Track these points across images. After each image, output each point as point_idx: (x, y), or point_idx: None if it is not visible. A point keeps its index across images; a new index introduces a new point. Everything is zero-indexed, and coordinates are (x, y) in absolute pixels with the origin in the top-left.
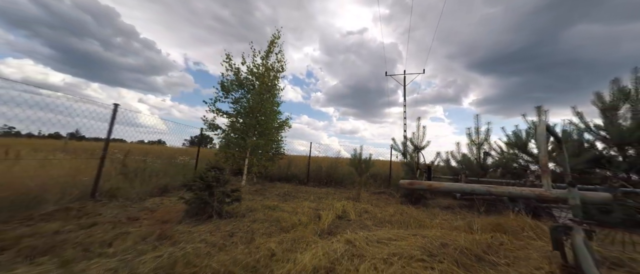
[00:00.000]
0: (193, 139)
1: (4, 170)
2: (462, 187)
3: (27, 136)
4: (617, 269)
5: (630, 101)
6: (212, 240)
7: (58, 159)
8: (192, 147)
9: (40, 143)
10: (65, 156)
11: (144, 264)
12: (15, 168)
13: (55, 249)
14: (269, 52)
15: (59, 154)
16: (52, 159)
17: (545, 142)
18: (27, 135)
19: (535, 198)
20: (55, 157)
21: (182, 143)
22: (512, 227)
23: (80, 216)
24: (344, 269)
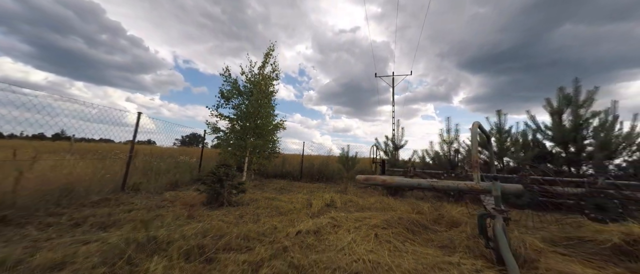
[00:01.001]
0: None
1: (44, 169)
2: (410, 183)
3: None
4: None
5: (572, 105)
6: (227, 220)
7: (84, 159)
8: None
9: (46, 145)
10: (80, 156)
11: (186, 231)
12: (51, 166)
13: (116, 224)
14: (265, 62)
15: (69, 155)
16: (79, 159)
17: (477, 141)
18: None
19: (468, 190)
20: (75, 158)
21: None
22: (457, 210)
23: (119, 204)
24: (326, 231)
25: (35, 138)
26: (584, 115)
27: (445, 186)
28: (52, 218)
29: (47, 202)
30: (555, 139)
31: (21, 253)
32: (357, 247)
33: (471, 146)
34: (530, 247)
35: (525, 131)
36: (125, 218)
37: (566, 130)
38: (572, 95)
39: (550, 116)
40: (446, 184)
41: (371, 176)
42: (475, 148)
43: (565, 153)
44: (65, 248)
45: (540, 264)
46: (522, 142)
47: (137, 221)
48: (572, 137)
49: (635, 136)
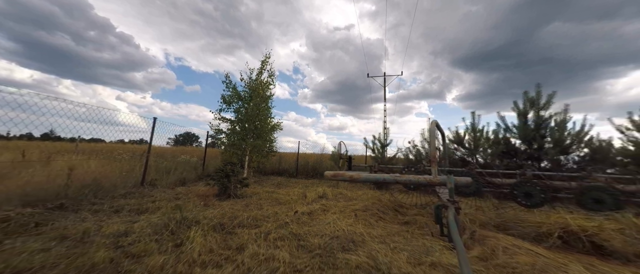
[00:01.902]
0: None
1: (77, 166)
2: (376, 178)
3: None
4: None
5: (534, 108)
6: (236, 208)
7: (92, 159)
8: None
9: (48, 146)
10: (87, 156)
11: (207, 214)
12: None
13: (148, 210)
14: (262, 69)
15: (74, 156)
16: (87, 159)
17: (434, 137)
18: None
19: (427, 183)
20: (84, 158)
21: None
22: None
23: (143, 197)
24: (317, 213)
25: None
26: (544, 116)
27: (407, 180)
28: (96, 206)
29: (87, 194)
30: (521, 137)
31: (94, 227)
32: (340, 223)
33: (429, 142)
34: (479, 231)
35: (496, 129)
36: (152, 206)
37: (529, 129)
38: (535, 98)
39: (517, 116)
40: (408, 178)
41: (339, 172)
42: (433, 144)
43: (529, 149)
44: (120, 225)
45: (488, 241)
46: (492, 140)
47: (168, 207)
48: (533, 135)
49: (583, 135)
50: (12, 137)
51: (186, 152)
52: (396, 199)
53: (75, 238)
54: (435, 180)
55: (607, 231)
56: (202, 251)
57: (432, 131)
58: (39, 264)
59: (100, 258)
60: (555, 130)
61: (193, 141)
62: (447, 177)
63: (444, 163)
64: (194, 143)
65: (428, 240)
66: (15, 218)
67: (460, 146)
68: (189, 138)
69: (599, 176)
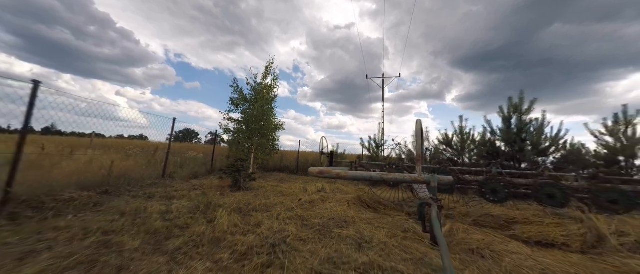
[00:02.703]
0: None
1: (98, 160)
2: (363, 175)
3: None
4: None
5: (518, 113)
6: (247, 197)
7: (108, 154)
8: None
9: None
10: (103, 152)
11: (225, 201)
12: (91, 160)
13: (175, 197)
14: (266, 73)
15: (90, 150)
16: (103, 154)
17: (421, 138)
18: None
19: (412, 181)
20: (100, 152)
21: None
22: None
23: (166, 187)
24: (317, 202)
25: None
26: (526, 121)
27: (393, 177)
28: (132, 192)
29: (122, 184)
30: (504, 140)
31: (141, 207)
32: (336, 209)
33: (415, 141)
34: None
35: (483, 132)
36: (177, 194)
37: (512, 133)
38: (518, 104)
39: (502, 121)
40: (394, 176)
41: (325, 168)
42: (419, 144)
43: (511, 151)
44: (160, 206)
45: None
46: (478, 142)
47: (192, 195)
48: (514, 138)
49: (559, 139)
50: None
51: (191, 149)
52: (374, 194)
53: (131, 214)
54: (420, 178)
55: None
56: (229, 225)
57: (418, 131)
58: (118, 229)
59: (158, 226)
60: (533, 134)
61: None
62: (431, 176)
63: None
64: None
65: (405, 221)
66: (78, 198)
67: (449, 147)
68: (189, 134)
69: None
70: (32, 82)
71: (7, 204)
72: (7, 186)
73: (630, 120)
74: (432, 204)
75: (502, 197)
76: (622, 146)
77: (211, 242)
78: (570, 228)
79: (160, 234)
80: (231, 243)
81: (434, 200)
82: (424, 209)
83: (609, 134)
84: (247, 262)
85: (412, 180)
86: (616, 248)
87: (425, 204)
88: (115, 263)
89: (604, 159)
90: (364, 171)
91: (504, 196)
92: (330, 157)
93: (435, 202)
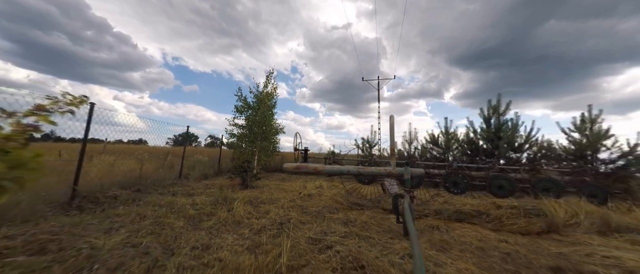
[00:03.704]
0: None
1: (133, 166)
2: (341, 170)
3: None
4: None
5: (496, 114)
6: (254, 194)
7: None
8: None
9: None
10: (116, 157)
11: (238, 195)
12: (121, 164)
13: (194, 194)
14: (267, 83)
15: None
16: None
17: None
18: None
19: (387, 174)
20: (115, 157)
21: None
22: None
23: (184, 186)
24: (315, 195)
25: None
26: (502, 121)
27: (370, 172)
28: (159, 190)
29: (149, 184)
30: (484, 138)
31: (171, 201)
32: (330, 200)
33: (389, 136)
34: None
35: (467, 132)
36: (195, 192)
37: (491, 132)
38: (497, 105)
39: (483, 121)
40: (371, 170)
41: (302, 164)
42: (392, 138)
43: (490, 148)
44: (187, 200)
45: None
46: (462, 141)
47: (208, 192)
48: (492, 137)
49: (531, 136)
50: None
51: (196, 153)
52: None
53: (166, 205)
54: (394, 171)
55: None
56: (244, 213)
57: (392, 125)
58: (162, 215)
59: (192, 213)
60: (507, 132)
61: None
62: (404, 169)
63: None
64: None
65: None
66: (121, 195)
67: (435, 145)
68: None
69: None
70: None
71: (74, 199)
72: (74, 184)
73: (594, 119)
74: (404, 195)
75: (462, 189)
76: (588, 142)
77: (233, 223)
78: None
79: (195, 219)
80: (248, 224)
81: (407, 191)
82: (397, 200)
83: (577, 131)
84: (262, 234)
85: (387, 173)
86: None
87: (398, 196)
88: (171, 234)
89: (573, 153)
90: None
91: (464, 187)
92: (304, 153)
93: (407, 193)
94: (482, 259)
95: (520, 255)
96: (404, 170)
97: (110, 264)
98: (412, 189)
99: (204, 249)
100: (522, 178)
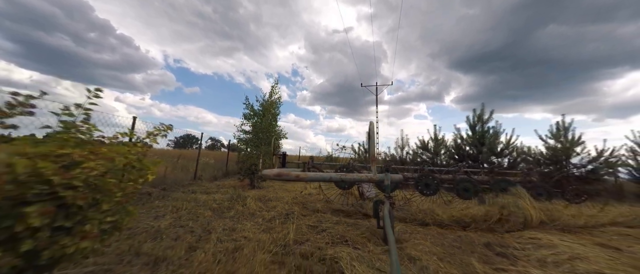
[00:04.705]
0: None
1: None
2: (323, 176)
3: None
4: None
5: (480, 122)
6: (262, 193)
7: None
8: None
9: None
10: None
11: (248, 194)
12: None
13: (210, 192)
14: (272, 93)
15: None
16: None
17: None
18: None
19: (368, 180)
20: None
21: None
22: None
23: (200, 186)
24: (314, 194)
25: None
26: (486, 128)
27: (352, 178)
28: (180, 189)
29: (170, 183)
30: (470, 144)
31: (195, 197)
32: (327, 199)
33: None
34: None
35: (454, 138)
36: (211, 191)
37: (475, 138)
38: (481, 114)
39: (469, 128)
40: (353, 177)
41: (283, 171)
42: (372, 145)
43: (476, 153)
44: (207, 197)
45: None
46: (449, 146)
47: (222, 191)
48: (476, 143)
49: (511, 143)
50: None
51: (202, 155)
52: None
53: (192, 201)
54: (375, 178)
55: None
56: (256, 207)
57: (372, 132)
58: (192, 208)
59: (215, 206)
60: (489, 139)
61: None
62: (384, 175)
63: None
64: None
65: None
66: (153, 192)
67: (425, 151)
68: (189, 140)
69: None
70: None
71: None
72: None
73: (567, 127)
74: (385, 201)
75: (433, 191)
76: (562, 148)
77: (249, 214)
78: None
79: (218, 211)
80: (260, 215)
81: (387, 197)
82: (378, 206)
83: (553, 138)
84: (273, 222)
85: (368, 179)
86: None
87: (379, 202)
88: (203, 221)
89: (549, 158)
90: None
91: (435, 189)
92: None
93: (388, 199)
94: (437, 239)
95: (468, 238)
96: (384, 176)
97: (171, 236)
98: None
99: (231, 230)
100: (482, 180)
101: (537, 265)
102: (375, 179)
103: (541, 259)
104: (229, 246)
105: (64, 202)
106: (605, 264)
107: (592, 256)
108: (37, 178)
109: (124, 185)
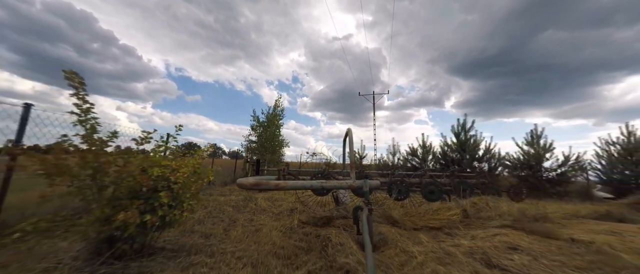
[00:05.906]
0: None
1: None
2: (304, 185)
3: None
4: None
5: (464, 130)
6: (268, 194)
7: None
8: None
9: None
10: None
11: (257, 195)
12: None
13: (225, 194)
14: (276, 107)
15: None
16: None
17: (352, 145)
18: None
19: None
20: None
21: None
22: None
23: (214, 189)
24: (312, 195)
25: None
26: (468, 136)
27: (332, 185)
28: (200, 193)
29: None
30: (454, 151)
31: (215, 199)
32: (324, 198)
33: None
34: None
35: (441, 145)
36: (225, 193)
37: (459, 145)
38: (464, 123)
39: (454, 136)
40: (333, 184)
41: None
42: (351, 151)
43: (459, 159)
44: (225, 199)
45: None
46: (435, 153)
47: (234, 194)
48: (459, 149)
49: (490, 150)
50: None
51: (207, 163)
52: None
53: (214, 201)
54: (354, 184)
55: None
56: (266, 205)
57: (350, 138)
58: (216, 206)
59: (233, 204)
60: (469, 147)
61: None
62: (363, 182)
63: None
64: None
65: None
66: None
67: (415, 157)
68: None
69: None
70: (154, 130)
71: None
72: None
73: (540, 134)
74: (363, 207)
75: (404, 196)
76: (534, 153)
77: (261, 210)
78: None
79: (237, 208)
80: (271, 211)
81: (366, 203)
82: (357, 213)
83: (528, 145)
84: (281, 215)
85: (348, 186)
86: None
87: (358, 208)
88: (228, 215)
89: (524, 163)
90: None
91: (405, 193)
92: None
93: (366, 205)
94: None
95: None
96: (363, 183)
97: (208, 223)
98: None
99: (250, 220)
100: (445, 182)
101: (469, 238)
102: (355, 185)
103: (474, 236)
104: (252, 228)
105: (173, 191)
106: (522, 241)
107: (512, 235)
108: (162, 177)
109: (195, 183)
